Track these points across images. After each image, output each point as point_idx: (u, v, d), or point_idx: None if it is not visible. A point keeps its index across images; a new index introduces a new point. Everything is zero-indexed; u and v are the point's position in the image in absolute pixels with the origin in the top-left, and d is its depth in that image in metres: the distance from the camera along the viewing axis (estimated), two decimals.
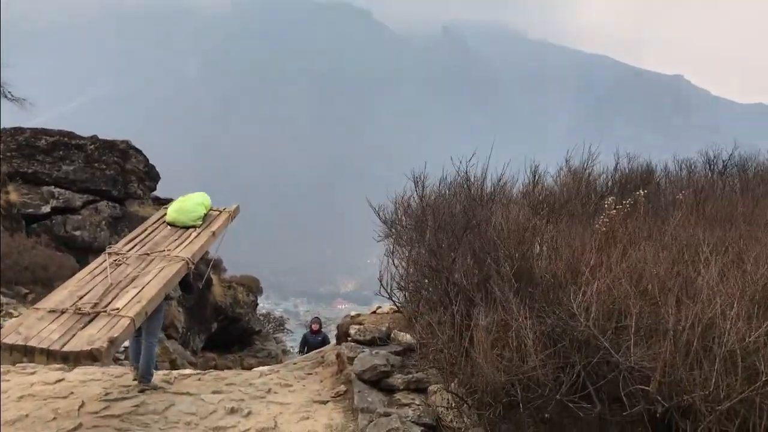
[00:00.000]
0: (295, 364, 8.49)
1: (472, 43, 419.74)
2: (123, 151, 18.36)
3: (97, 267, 6.36)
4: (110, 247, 6.83)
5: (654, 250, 5.57)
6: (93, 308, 5.53)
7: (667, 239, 5.89)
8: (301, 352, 12.22)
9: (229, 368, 16.37)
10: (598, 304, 4.94)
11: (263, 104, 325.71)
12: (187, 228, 7.24)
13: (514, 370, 4.91)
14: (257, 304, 23.73)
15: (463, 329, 5.21)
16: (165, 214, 7.50)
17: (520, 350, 4.97)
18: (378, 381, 6.29)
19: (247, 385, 6.92)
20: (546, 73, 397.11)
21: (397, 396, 6.07)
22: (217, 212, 7.74)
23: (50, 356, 4.99)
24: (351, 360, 6.84)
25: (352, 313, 8.27)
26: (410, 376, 6.22)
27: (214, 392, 6.59)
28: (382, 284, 6.64)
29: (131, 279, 6.13)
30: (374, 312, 8.52)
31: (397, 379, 6.23)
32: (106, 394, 6.36)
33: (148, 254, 6.63)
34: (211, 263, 13.04)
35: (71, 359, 4.97)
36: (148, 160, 19.13)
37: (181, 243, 6.94)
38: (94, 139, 17.99)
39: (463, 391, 5.39)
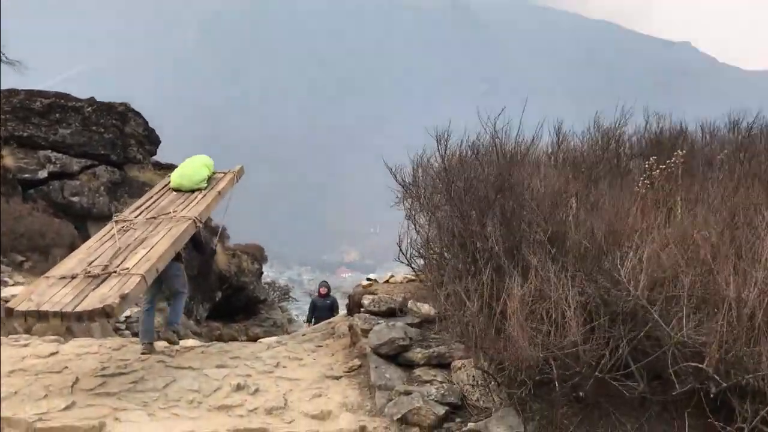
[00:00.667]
0: (303, 335, 8.03)
1: (477, 10, 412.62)
2: (122, 113, 17.64)
3: (105, 234, 6.43)
4: (117, 215, 6.88)
5: (704, 213, 5.02)
6: (103, 270, 5.55)
7: (717, 201, 5.32)
8: (310, 317, 11.83)
9: (234, 338, 16.04)
10: (648, 272, 4.41)
11: (263, 70, 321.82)
12: (192, 191, 7.27)
13: (552, 346, 4.41)
14: (262, 273, 23.32)
15: (494, 300, 4.70)
16: (169, 181, 7.55)
17: (559, 323, 4.46)
18: (396, 356, 5.79)
19: (254, 358, 6.45)
20: (553, 42, 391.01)
21: (417, 372, 5.58)
22: (222, 174, 7.73)
23: (64, 318, 5.09)
24: (365, 332, 6.35)
25: (365, 282, 7.75)
26: (431, 350, 5.70)
27: (218, 366, 6.11)
28: (401, 249, 6.10)
29: (140, 241, 6.13)
30: (387, 281, 8.03)
31: (417, 353, 5.73)
32: (103, 368, 5.91)
33: (155, 218, 6.66)
34: (219, 231, 12.81)
35: (85, 318, 5.06)
36: (147, 123, 18.38)
37: (188, 204, 6.99)
38: (91, 101, 17.27)
39: (492, 368, 4.91)
